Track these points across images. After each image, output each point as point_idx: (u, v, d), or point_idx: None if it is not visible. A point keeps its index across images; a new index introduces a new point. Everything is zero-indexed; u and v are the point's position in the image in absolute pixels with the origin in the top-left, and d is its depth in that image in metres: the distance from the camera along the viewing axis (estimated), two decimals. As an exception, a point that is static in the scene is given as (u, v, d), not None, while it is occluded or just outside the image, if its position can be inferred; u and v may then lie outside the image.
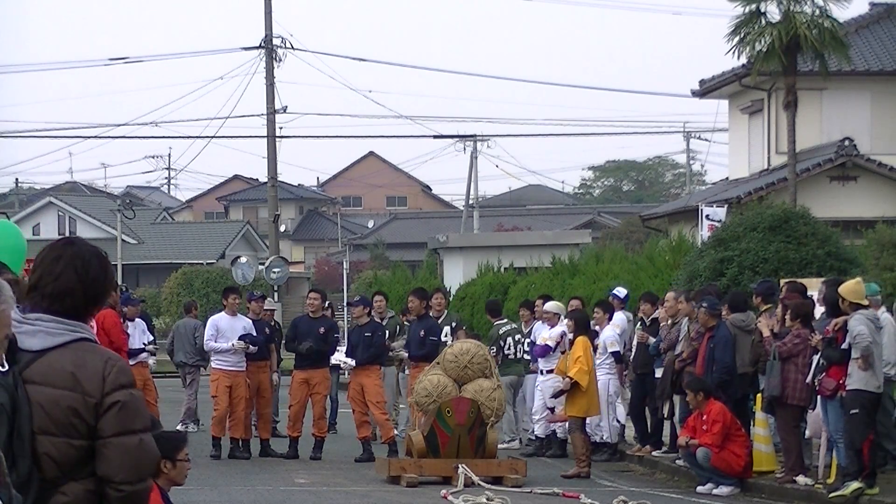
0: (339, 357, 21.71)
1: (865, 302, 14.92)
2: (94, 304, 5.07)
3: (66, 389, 4.80)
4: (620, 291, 21.21)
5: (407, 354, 19.83)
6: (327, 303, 20.55)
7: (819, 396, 15.17)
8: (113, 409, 4.82)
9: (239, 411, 19.35)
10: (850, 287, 15.10)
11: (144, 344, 19.67)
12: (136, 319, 20.16)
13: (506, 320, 21.78)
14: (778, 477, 16.09)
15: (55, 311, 4.94)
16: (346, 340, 22.95)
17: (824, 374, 14.94)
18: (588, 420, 19.60)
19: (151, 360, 20.72)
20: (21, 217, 70.64)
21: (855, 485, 14.61)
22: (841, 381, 14.71)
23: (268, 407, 20.01)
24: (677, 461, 17.79)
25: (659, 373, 18.62)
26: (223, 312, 19.73)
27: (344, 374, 23.36)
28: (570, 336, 17.92)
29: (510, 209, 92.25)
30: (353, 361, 19.25)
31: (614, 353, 19.23)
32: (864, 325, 14.47)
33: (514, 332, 21.01)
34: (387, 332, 20.23)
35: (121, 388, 4.87)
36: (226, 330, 19.40)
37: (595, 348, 18.84)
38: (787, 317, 15.91)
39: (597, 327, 19.57)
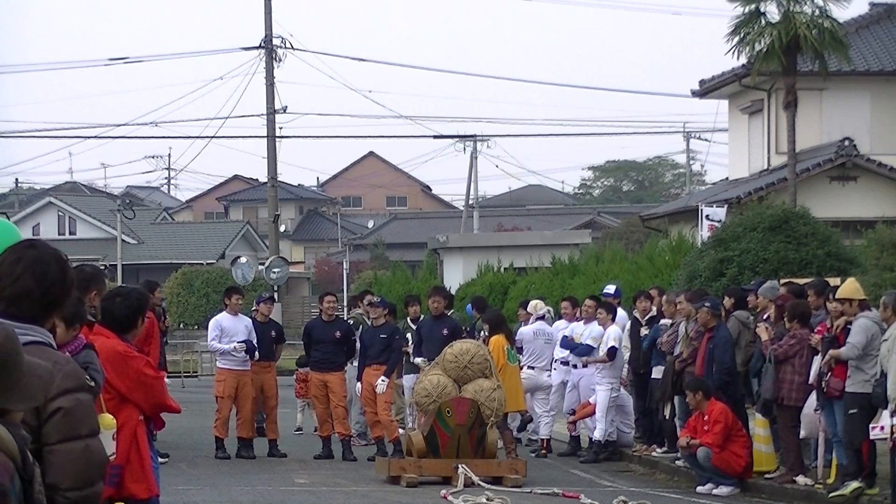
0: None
1: (864, 296, 14.94)
2: (52, 308, 5.01)
3: None
4: (609, 288, 21.29)
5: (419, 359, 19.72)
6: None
7: (825, 396, 15.13)
8: (56, 415, 4.73)
9: (246, 411, 19.38)
10: (851, 288, 15.09)
11: None
12: None
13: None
14: (778, 477, 16.09)
15: (12, 314, 4.86)
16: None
17: (830, 374, 14.92)
18: (587, 420, 19.72)
19: None
20: (21, 217, 70.65)
21: (855, 484, 14.61)
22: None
23: (273, 408, 20.01)
24: (676, 461, 17.77)
25: (655, 372, 18.61)
26: (225, 312, 19.75)
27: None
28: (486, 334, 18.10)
29: (510, 209, 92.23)
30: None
31: (611, 349, 19.18)
32: (864, 336, 14.40)
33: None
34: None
35: (65, 392, 4.77)
36: (229, 330, 19.42)
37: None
38: (785, 318, 15.90)
39: (601, 328, 19.58)
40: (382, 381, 18.66)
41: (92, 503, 4.85)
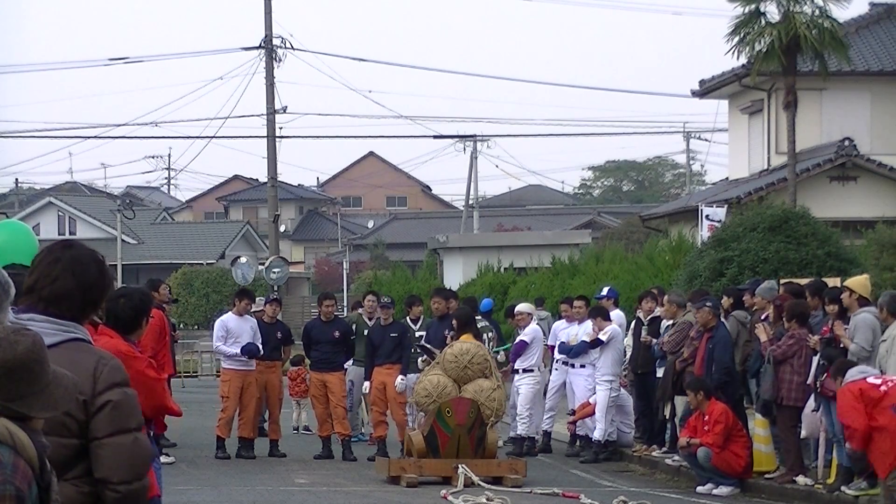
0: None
1: (868, 296, 14.94)
2: (91, 308, 5.04)
3: None
4: (602, 291, 21.37)
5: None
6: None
7: (822, 397, 15.15)
8: (105, 409, 4.78)
9: (249, 411, 19.39)
10: (861, 281, 15.12)
11: None
12: None
13: (479, 317, 21.75)
14: (778, 477, 16.09)
15: (52, 313, 4.90)
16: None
17: (825, 374, 14.93)
18: (587, 420, 19.73)
19: None
20: (21, 217, 70.54)
21: (856, 484, 14.61)
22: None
23: (277, 408, 20.01)
24: (671, 460, 17.74)
25: (660, 372, 18.61)
26: (231, 313, 19.74)
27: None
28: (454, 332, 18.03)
29: (510, 209, 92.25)
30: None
31: (596, 340, 19.16)
32: (870, 332, 14.39)
33: (486, 329, 20.96)
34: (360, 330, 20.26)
35: (114, 386, 4.83)
36: (234, 330, 19.42)
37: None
38: (784, 318, 15.89)
39: (599, 330, 19.59)
40: (401, 380, 18.72)
41: (140, 497, 4.86)
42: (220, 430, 19.36)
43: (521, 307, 20.78)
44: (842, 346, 14.74)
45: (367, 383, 19.39)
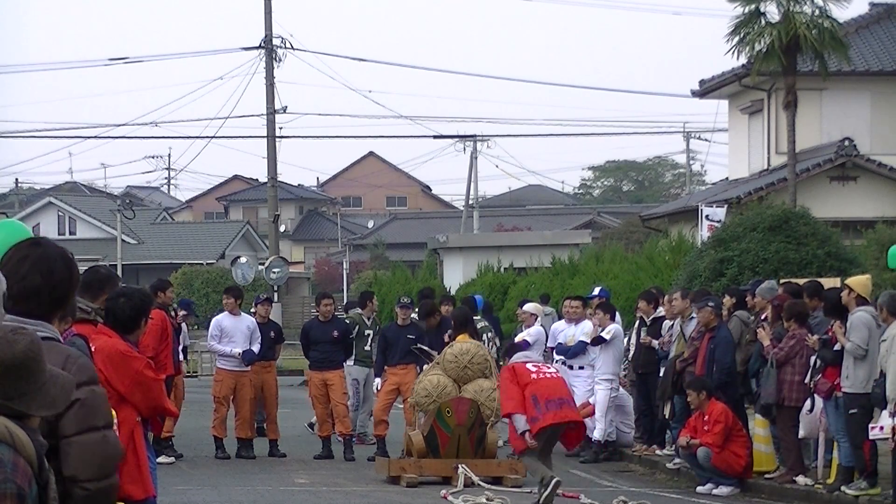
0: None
1: (867, 297, 14.93)
2: (58, 306, 5.03)
3: None
4: (594, 290, 21.42)
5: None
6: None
7: (818, 397, 15.15)
8: (74, 407, 4.75)
9: (245, 411, 19.39)
10: (862, 281, 15.11)
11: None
12: None
13: (479, 317, 21.80)
14: (778, 477, 16.09)
15: (19, 311, 4.89)
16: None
17: (820, 375, 14.93)
18: (587, 420, 19.72)
19: None
20: (21, 217, 70.47)
21: (856, 484, 14.61)
22: (836, 382, 14.71)
23: (274, 407, 20.02)
24: (672, 463, 17.73)
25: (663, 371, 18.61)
26: (226, 312, 19.75)
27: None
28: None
29: (510, 209, 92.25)
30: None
31: (598, 338, 19.20)
32: (866, 330, 14.39)
33: (486, 329, 21.01)
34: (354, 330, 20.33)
35: (82, 385, 4.82)
36: (229, 329, 19.43)
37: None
38: (783, 317, 15.87)
39: (600, 328, 19.60)
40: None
41: (108, 495, 4.86)
42: (216, 431, 19.39)
43: (528, 307, 20.97)
44: (836, 346, 14.71)
45: (377, 380, 19.42)
